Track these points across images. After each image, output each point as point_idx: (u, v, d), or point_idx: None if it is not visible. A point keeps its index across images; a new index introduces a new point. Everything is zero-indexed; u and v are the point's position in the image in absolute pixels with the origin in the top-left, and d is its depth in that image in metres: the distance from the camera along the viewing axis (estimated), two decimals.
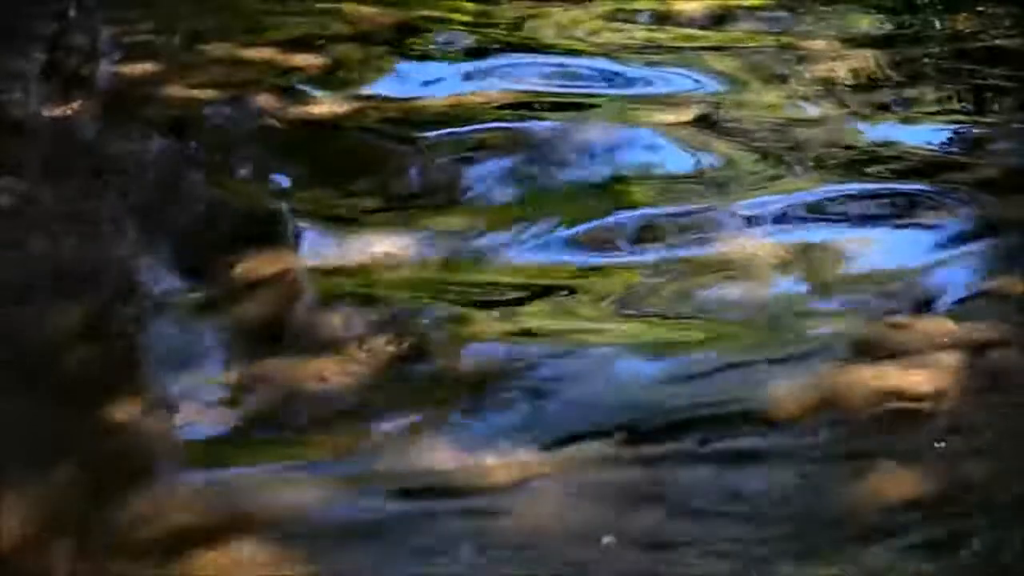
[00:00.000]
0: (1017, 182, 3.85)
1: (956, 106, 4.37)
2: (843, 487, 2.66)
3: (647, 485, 2.69)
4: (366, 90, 4.46)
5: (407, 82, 4.54)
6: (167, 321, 3.26)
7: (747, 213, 3.64)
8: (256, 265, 3.42)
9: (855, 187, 3.79)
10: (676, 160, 3.98)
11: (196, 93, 4.38)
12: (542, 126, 4.18)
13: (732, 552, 2.52)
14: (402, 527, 2.61)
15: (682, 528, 2.58)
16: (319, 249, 3.52)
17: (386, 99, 4.38)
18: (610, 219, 3.65)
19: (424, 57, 4.77)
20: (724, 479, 2.71)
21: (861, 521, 2.58)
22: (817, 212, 3.67)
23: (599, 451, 2.78)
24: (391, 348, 3.10)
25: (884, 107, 4.36)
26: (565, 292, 3.33)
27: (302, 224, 3.63)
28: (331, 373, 3.02)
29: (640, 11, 5.15)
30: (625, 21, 5.07)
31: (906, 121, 4.26)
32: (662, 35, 4.94)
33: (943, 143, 4.11)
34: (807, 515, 2.60)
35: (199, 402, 2.95)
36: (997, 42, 4.79)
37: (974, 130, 4.18)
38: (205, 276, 3.41)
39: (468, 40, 4.89)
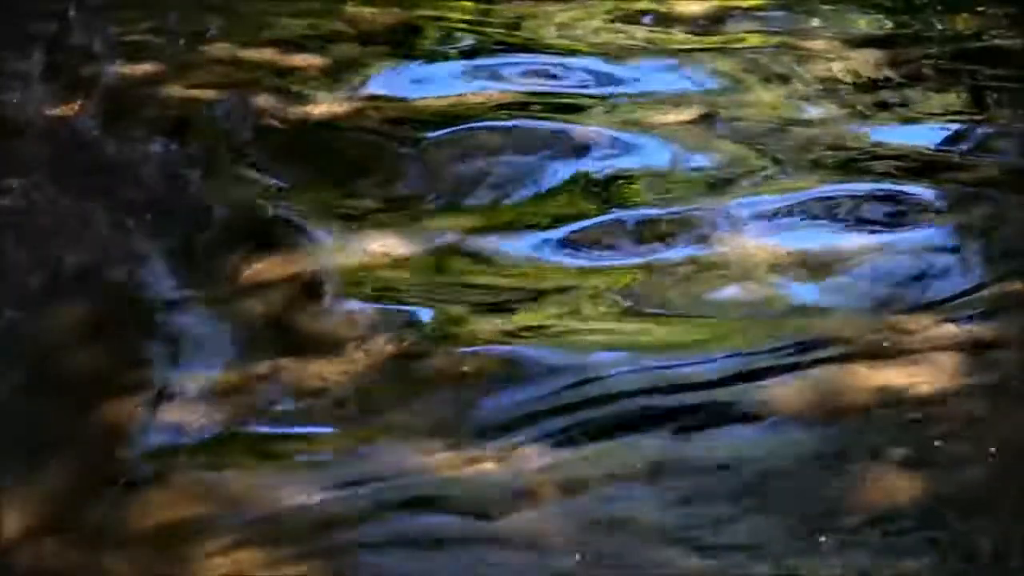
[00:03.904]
0: (1017, 182, 3.85)
1: (956, 106, 4.36)
2: (843, 487, 2.66)
3: (646, 485, 2.69)
4: (366, 90, 4.45)
5: (407, 82, 4.53)
6: (166, 321, 3.26)
7: (747, 213, 3.64)
8: (255, 265, 3.42)
9: (855, 187, 3.79)
10: (676, 160, 3.98)
11: (196, 93, 4.38)
12: (542, 126, 4.18)
13: (731, 551, 2.52)
14: (400, 527, 2.61)
15: (681, 527, 2.58)
16: (319, 249, 3.52)
17: (386, 99, 4.37)
18: (609, 219, 3.65)
19: (424, 57, 4.77)
20: (724, 479, 2.71)
21: (861, 520, 2.58)
22: (817, 212, 3.67)
23: (598, 451, 2.78)
24: (390, 348, 3.10)
25: (884, 107, 4.35)
26: (564, 292, 3.33)
27: (302, 224, 3.63)
28: (331, 373, 3.02)
29: (640, 11, 5.15)
30: (625, 21, 5.06)
31: (906, 121, 4.26)
32: (662, 35, 4.94)
33: (943, 143, 4.10)
34: (807, 515, 2.60)
35: (199, 401, 2.95)
36: (997, 42, 4.79)
37: (974, 130, 4.18)
38: (204, 276, 3.42)
39: (468, 40, 4.89)
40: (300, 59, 4.65)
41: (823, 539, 2.54)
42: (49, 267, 3.47)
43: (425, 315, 3.24)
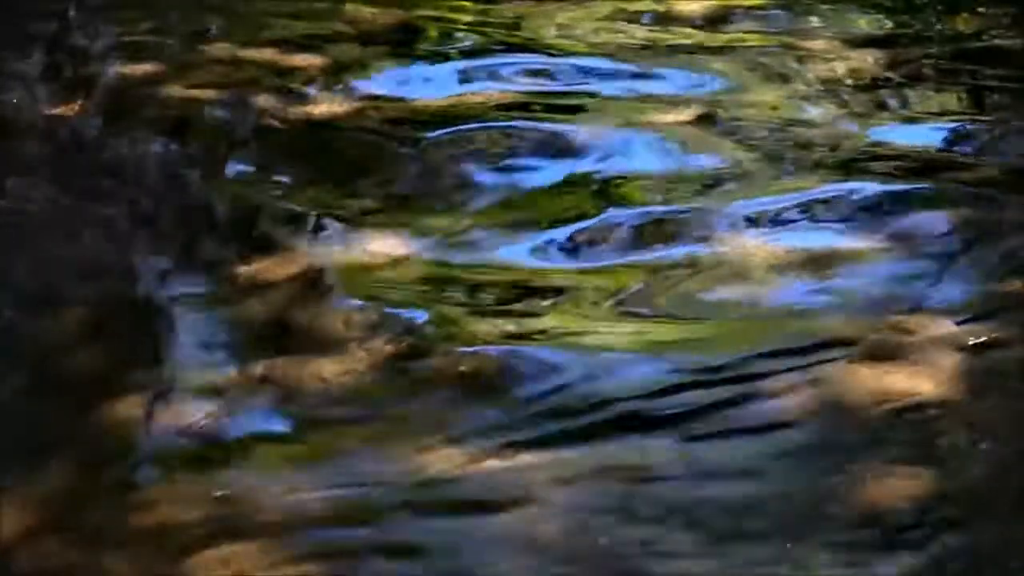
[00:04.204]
0: (1017, 182, 3.85)
1: (956, 106, 4.36)
2: (843, 487, 2.66)
3: (645, 486, 2.69)
4: (366, 90, 4.45)
5: (407, 82, 4.53)
6: (166, 321, 3.26)
7: (747, 213, 3.64)
8: (255, 265, 3.42)
9: (855, 187, 3.78)
10: (676, 160, 3.98)
11: (196, 93, 4.38)
12: (541, 126, 4.18)
13: (732, 552, 2.52)
14: (401, 528, 2.61)
15: (681, 529, 2.58)
16: (319, 249, 3.52)
17: (386, 99, 4.37)
18: (609, 219, 3.65)
19: (424, 57, 4.77)
20: (724, 479, 2.71)
21: (861, 522, 2.58)
22: (817, 212, 3.67)
23: (598, 452, 2.78)
24: (390, 348, 3.10)
25: (884, 107, 4.35)
26: (564, 292, 3.33)
27: (302, 224, 3.63)
28: (331, 373, 3.02)
29: (640, 11, 5.15)
30: (625, 21, 5.06)
31: (906, 121, 4.26)
32: (662, 35, 4.94)
33: (943, 143, 4.11)
34: (807, 516, 2.60)
35: (199, 402, 2.95)
36: (997, 42, 4.79)
37: (974, 130, 4.18)
38: (204, 276, 3.42)
39: (468, 40, 4.89)
40: (300, 59, 4.65)
41: (822, 539, 2.54)
42: (49, 267, 3.47)
43: (425, 315, 3.24)
